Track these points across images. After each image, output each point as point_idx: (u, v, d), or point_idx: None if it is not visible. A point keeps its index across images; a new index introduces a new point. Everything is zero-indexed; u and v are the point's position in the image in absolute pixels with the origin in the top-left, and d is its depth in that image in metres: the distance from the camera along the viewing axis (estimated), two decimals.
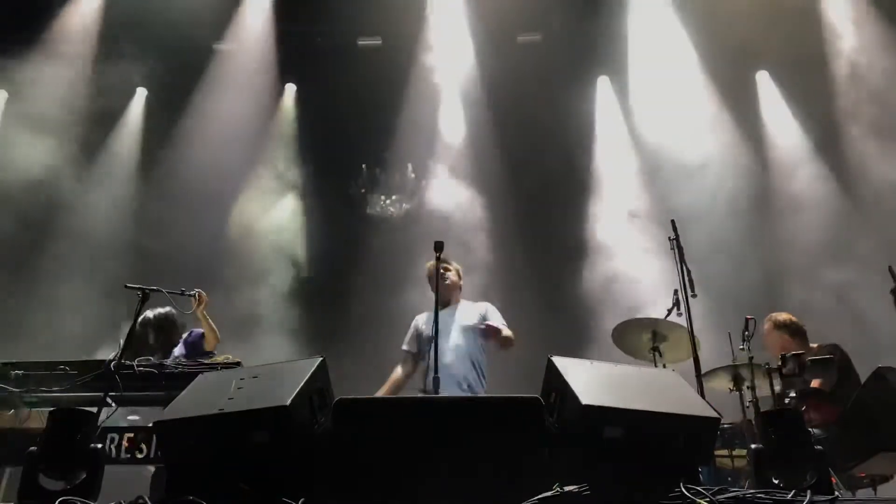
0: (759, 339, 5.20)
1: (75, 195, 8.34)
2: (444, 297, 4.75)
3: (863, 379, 4.41)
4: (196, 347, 5.14)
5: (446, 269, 5.02)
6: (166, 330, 5.21)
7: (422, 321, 5.15)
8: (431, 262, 5.00)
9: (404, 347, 5.12)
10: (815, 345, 5.20)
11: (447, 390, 4.43)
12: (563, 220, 9.13)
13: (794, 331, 5.29)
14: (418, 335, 5.09)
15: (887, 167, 7.70)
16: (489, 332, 4.82)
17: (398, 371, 5.03)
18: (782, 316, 5.39)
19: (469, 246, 8.20)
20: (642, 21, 9.28)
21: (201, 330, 5.16)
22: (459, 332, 4.89)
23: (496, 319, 5.02)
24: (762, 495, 2.45)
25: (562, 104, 9.33)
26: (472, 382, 4.76)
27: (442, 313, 4.52)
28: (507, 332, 4.91)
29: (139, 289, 4.16)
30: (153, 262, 8.03)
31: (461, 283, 5.28)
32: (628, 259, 8.40)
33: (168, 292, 4.45)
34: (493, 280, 7.94)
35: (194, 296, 4.93)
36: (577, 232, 8.96)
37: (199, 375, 3.23)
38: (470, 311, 5.08)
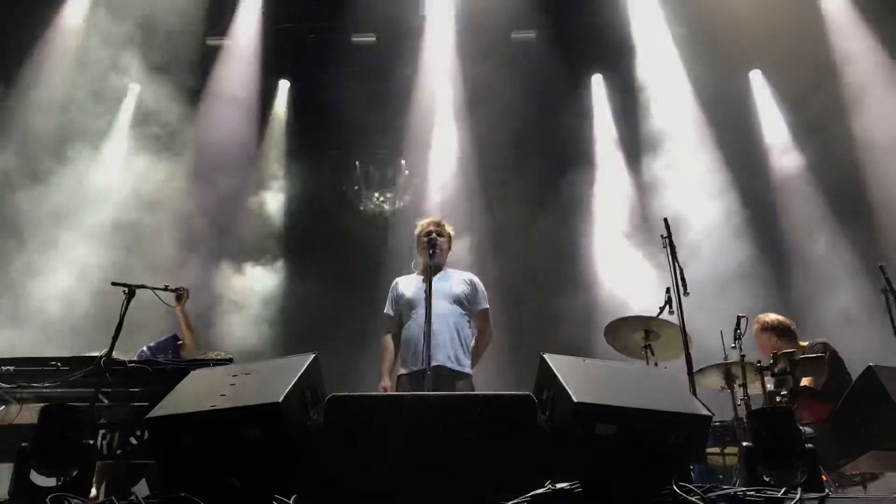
0: (751, 337, 5.21)
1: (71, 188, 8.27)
2: (432, 263, 4.54)
3: (854, 377, 4.43)
4: (164, 353, 4.99)
5: (439, 234, 4.88)
6: None
7: (402, 284, 4.95)
8: (424, 223, 4.97)
9: (389, 312, 4.93)
10: (804, 342, 5.21)
11: (435, 361, 4.30)
12: (557, 218, 9.13)
13: (783, 331, 5.28)
14: (398, 298, 4.91)
15: (881, 164, 7.74)
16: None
17: (389, 341, 4.83)
18: (770, 317, 5.37)
19: (460, 243, 8.19)
20: (637, 19, 9.29)
21: (172, 337, 5.08)
22: (446, 300, 4.69)
23: (480, 295, 4.93)
24: (753, 493, 2.46)
25: (556, 102, 9.33)
26: (458, 354, 4.60)
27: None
28: (485, 339, 4.90)
29: (125, 285, 4.22)
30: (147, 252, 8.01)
31: (450, 249, 5.13)
32: (621, 257, 8.42)
33: (152, 289, 4.48)
34: (487, 279, 7.92)
35: (179, 291, 4.94)
36: (571, 229, 8.97)
37: (192, 372, 3.22)
38: (457, 280, 4.90)
